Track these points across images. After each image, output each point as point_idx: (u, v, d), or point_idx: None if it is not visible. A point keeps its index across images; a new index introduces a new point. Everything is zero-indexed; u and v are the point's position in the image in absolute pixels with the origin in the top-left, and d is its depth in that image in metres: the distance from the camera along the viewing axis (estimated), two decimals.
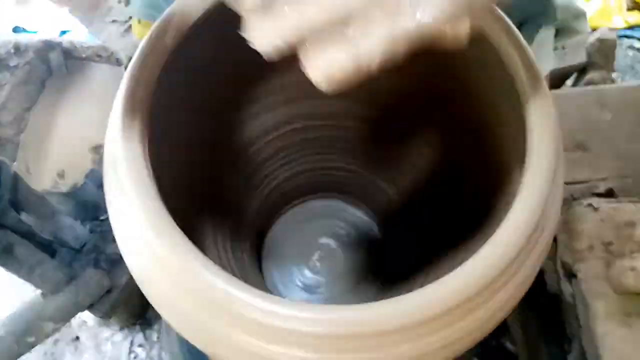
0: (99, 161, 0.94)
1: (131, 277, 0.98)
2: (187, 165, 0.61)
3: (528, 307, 1.00)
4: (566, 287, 0.86)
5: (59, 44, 1.00)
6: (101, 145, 0.96)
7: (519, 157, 0.42)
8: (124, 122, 0.41)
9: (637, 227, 0.84)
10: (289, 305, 0.33)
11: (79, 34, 1.00)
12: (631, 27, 1.66)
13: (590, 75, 0.98)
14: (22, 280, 0.82)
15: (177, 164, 0.54)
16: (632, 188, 0.92)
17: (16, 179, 0.72)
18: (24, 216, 0.78)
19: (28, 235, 0.79)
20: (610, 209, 0.85)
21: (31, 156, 1.00)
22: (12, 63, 0.95)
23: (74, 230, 0.90)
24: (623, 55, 1.63)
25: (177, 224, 0.38)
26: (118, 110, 0.42)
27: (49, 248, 0.87)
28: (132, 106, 0.42)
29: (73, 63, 1.04)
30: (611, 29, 0.97)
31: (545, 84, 0.43)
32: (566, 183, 0.92)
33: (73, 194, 0.92)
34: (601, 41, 0.96)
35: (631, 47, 1.63)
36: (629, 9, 1.67)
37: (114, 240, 0.99)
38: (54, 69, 1.02)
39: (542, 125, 0.41)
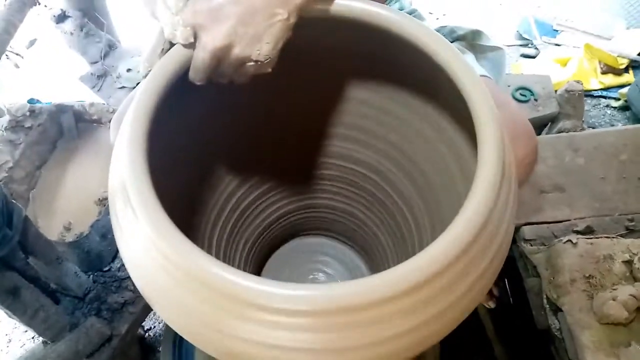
0: (104, 212, 1.00)
1: (131, 326, 1.01)
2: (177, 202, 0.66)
3: (518, 344, 1.01)
4: (553, 322, 0.89)
5: (71, 107, 1.08)
6: (106, 197, 1.02)
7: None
8: (131, 145, 0.46)
9: (615, 260, 0.88)
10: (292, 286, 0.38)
11: (89, 99, 1.09)
12: (607, 88, 1.76)
13: (562, 124, 1.06)
14: (25, 325, 0.85)
15: (170, 197, 0.59)
16: (609, 226, 0.96)
17: (27, 223, 0.77)
18: (31, 260, 0.82)
19: (34, 279, 0.83)
20: (588, 244, 0.89)
21: (40, 210, 1.05)
22: (27, 124, 1.03)
23: (77, 278, 0.94)
24: (602, 113, 1.72)
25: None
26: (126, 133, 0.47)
27: (52, 295, 0.90)
28: (138, 131, 0.47)
29: (83, 125, 1.12)
30: (577, 81, 1.05)
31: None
32: (547, 222, 0.99)
33: (77, 244, 0.96)
34: (569, 92, 1.05)
35: (608, 106, 1.72)
36: (603, 72, 1.78)
37: (116, 290, 1.03)
38: (65, 130, 1.10)
39: (488, 132, 0.45)
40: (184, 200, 0.69)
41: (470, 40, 0.82)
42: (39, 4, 1.01)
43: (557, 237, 0.95)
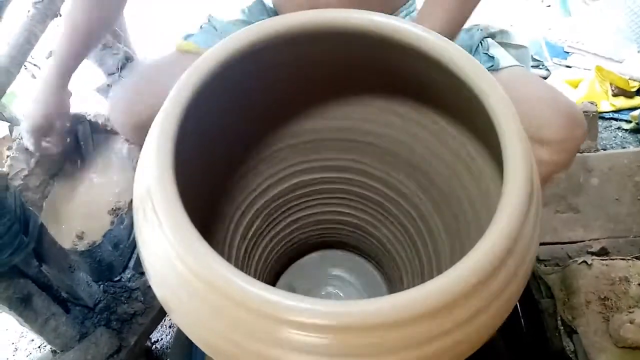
0: (117, 222, 1.00)
1: (140, 338, 1.00)
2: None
3: None
4: (568, 344, 0.88)
5: (87, 118, 1.09)
6: (119, 207, 1.02)
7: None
8: (158, 150, 0.46)
9: (631, 283, 0.87)
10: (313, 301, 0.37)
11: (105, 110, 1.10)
12: (618, 111, 1.76)
13: None
14: (35, 334, 0.85)
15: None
16: (623, 247, 0.96)
17: (42, 230, 0.77)
18: (44, 268, 0.82)
19: (46, 287, 0.83)
20: (603, 265, 0.89)
21: (53, 219, 1.06)
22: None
23: (89, 287, 0.93)
24: (613, 136, 1.72)
25: None
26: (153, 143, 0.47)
27: (63, 304, 0.90)
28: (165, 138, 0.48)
29: (98, 136, 1.12)
30: (591, 102, 1.05)
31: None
32: (562, 243, 0.98)
33: (89, 253, 0.96)
34: (583, 113, 1.04)
35: (620, 129, 1.72)
36: (614, 95, 1.78)
37: (126, 301, 1.02)
38: (80, 140, 1.11)
39: (515, 152, 0.45)
40: (206, 207, 0.69)
41: (499, 39, 0.86)
42: (60, 15, 1.03)
43: (571, 258, 0.94)
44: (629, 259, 0.90)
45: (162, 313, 1.04)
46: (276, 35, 0.52)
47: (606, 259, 0.90)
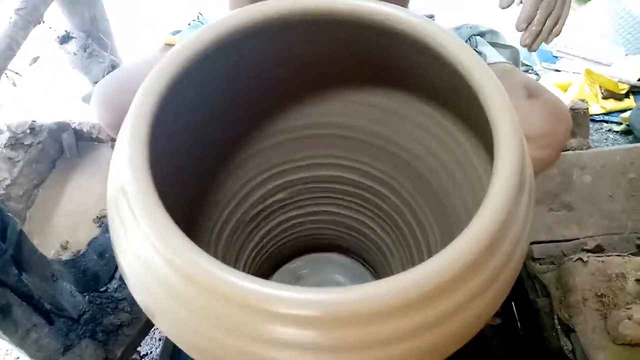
0: (102, 230, 0.97)
1: (126, 349, 0.97)
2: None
3: None
4: (566, 343, 0.86)
5: (72, 126, 1.07)
6: (104, 215, 1.00)
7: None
8: (131, 149, 0.44)
9: (628, 279, 0.85)
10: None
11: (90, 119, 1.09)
12: (608, 113, 1.76)
13: (568, 142, 1.04)
14: (15, 347, 0.82)
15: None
16: (619, 244, 0.94)
17: (21, 237, 0.75)
18: (25, 277, 0.79)
19: (27, 297, 0.80)
20: (599, 262, 0.87)
21: (37, 229, 1.03)
22: (27, 142, 1.02)
23: (73, 298, 0.91)
24: (604, 138, 1.72)
25: None
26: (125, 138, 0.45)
27: (46, 316, 0.87)
28: (138, 132, 0.46)
29: (83, 144, 1.11)
30: (582, 100, 1.04)
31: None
32: (556, 241, 0.96)
33: (73, 262, 0.94)
34: (574, 111, 1.04)
35: (610, 131, 1.72)
36: (604, 97, 1.78)
37: (112, 312, 0.99)
38: (65, 148, 1.09)
39: (505, 131, 0.44)
40: (186, 213, 0.67)
41: (488, 39, 0.85)
42: (43, 22, 1.01)
43: (566, 256, 0.92)
44: (624, 256, 0.89)
45: (149, 324, 1.01)
46: (253, 24, 0.51)
47: (602, 256, 0.89)
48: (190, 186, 0.65)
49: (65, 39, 1.20)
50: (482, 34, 0.90)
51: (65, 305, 0.90)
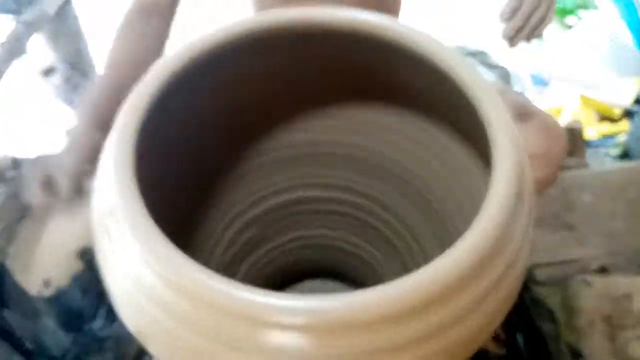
0: (85, 265, 0.93)
1: None
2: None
3: None
4: None
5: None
6: (89, 248, 0.96)
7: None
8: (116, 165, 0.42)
9: (634, 299, 0.82)
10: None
11: None
12: (604, 137, 1.75)
13: (565, 162, 1.02)
14: None
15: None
16: (623, 264, 0.91)
17: (2, 270, 0.72)
18: (5, 314, 0.75)
19: (8, 335, 0.76)
20: (603, 283, 0.84)
21: (18, 266, 0.99)
22: (8, 176, 0.99)
23: (56, 336, 0.86)
24: (600, 162, 1.70)
25: None
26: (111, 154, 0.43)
27: (27, 356, 0.82)
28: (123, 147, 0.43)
29: None
30: (576, 120, 1.03)
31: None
32: (560, 262, 0.93)
33: (57, 299, 0.89)
34: (570, 130, 1.02)
35: (607, 155, 1.71)
36: (599, 120, 1.78)
37: (96, 352, 0.95)
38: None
39: (503, 143, 0.42)
40: (176, 238, 0.64)
41: (478, 59, 0.85)
42: (26, 53, 1.00)
43: (570, 278, 0.89)
44: (629, 276, 0.86)
45: None
46: (247, 35, 0.49)
47: (606, 277, 0.86)
48: (181, 208, 0.63)
49: (48, 71, 1.20)
50: (472, 55, 0.90)
51: (48, 344, 0.85)
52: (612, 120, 1.77)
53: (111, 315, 1.00)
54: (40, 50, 1.17)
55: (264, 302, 0.33)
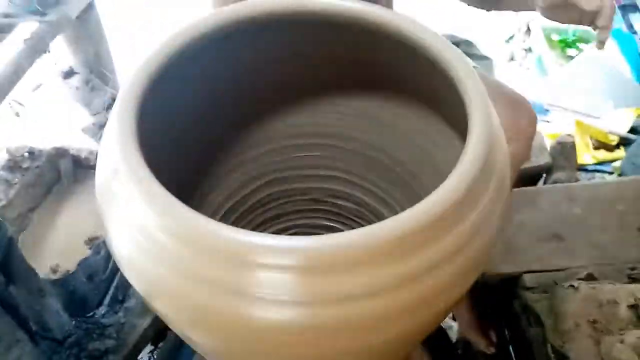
0: (93, 251, 0.97)
1: None
2: None
3: None
4: None
5: (70, 152, 1.09)
6: (96, 237, 1.00)
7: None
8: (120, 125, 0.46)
9: (620, 305, 0.84)
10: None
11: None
12: (600, 163, 1.79)
13: (557, 175, 1.06)
14: None
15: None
16: (610, 274, 0.94)
17: (11, 244, 0.75)
18: (12, 289, 0.78)
19: (13, 310, 0.79)
20: (590, 289, 0.86)
21: (28, 253, 1.02)
22: (25, 165, 1.04)
23: (59, 317, 0.89)
24: None
25: None
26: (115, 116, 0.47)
27: (31, 335, 0.85)
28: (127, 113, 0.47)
29: (81, 171, 1.12)
30: (568, 134, 1.07)
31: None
32: (548, 270, 0.96)
33: (62, 282, 0.92)
34: (562, 144, 1.06)
35: (603, 180, 1.74)
36: (595, 148, 1.82)
37: (97, 338, 0.98)
38: (63, 175, 1.10)
39: (477, 102, 0.45)
40: None
41: (463, 49, 0.88)
42: (49, 51, 1.06)
43: (558, 285, 0.92)
44: (616, 284, 0.88)
45: (135, 351, 0.99)
46: (239, 21, 0.53)
47: (594, 283, 0.88)
48: (182, 179, 0.65)
49: (68, 74, 1.25)
50: (457, 44, 0.93)
51: (51, 324, 0.88)
52: (608, 148, 1.81)
53: (115, 305, 1.03)
54: (61, 52, 1.23)
55: (254, 241, 0.36)
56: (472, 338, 0.99)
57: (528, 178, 1.06)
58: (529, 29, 2.25)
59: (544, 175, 1.09)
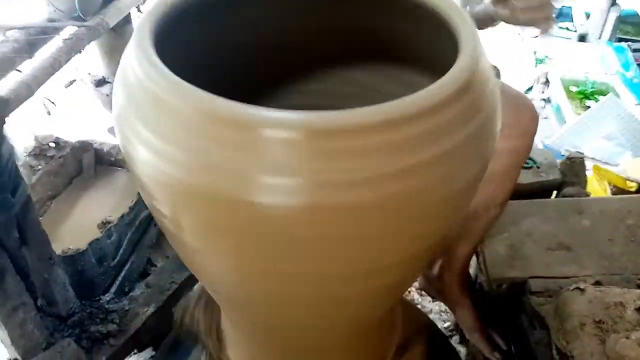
0: (105, 234, 0.99)
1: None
2: None
3: None
4: None
5: (93, 147, 1.15)
6: (109, 221, 1.03)
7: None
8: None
9: (627, 308, 0.83)
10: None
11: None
12: None
13: (566, 190, 1.06)
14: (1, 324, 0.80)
15: None
16: (618, 284, 0.92)
17: (29, 204, 0.78)
18: (24, 251, 0.80)
19: (23, 273, 0.81)
20: (597, 291, 0.85)
21: None
22: (50, 154, 1.09)
23: (65, 292, 0.90)
24: None
25: None
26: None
27: (35, 302, 0.86)
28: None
29: (102, 167, 1.17)
30: (578, 151, 1.08)
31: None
32: (555, 277, 0.95)
33: (72, 259, 0.94)
34: (571, 160, 1.07)
35: None
36: (613, 193, 1.81)
37: (100, 322, 0.99)
38: (84, 168, 1.15)
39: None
40: None
41: None
42: (81, 51, 1.14)
43: (564, 288, 0.90)
44: (624, 289, 0.87)
45: (135, 338, 0.99)
46: None
47: (600, 287, 0.87)
48: None
49: (100, 82, 1.33)
50: None
51: (56, 296, 0.90)
52: (626, 194, 1.80)
53: (121, 295, 1.05)
54: (95, 62, 1.31)
55: (258, 112, 0.39)
56: (477, 344, 0.97)
57: (539, 193, 1.07)
58: (547, 80, 2.30)
59: (555, 192, 1.10)
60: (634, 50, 2.52)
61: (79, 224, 1.10)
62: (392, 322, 0.77)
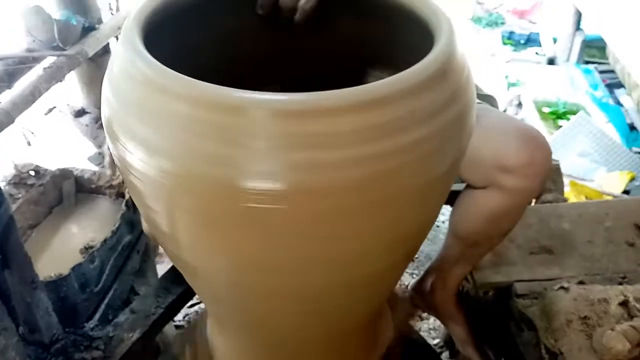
0: (87, 259, 0.97)
1: None
2: None
3: None
4: None
5: (74, 174, 1.14)
6: (91, 246, 1.02)
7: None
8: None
9: (611, 303, 0.84)
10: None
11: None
12: None
13: (545, 196, 1.08)
14: None
15: None
16: (601, 283, 0.93)
17: (11, 223, 0.76)
18: (7, 274, 0.78)
19: (3, 295, 0.79)
20: (581, 289, 0.86)
21: None
22: (29, 182, 1.08)
23: (48, 317, 0.88)
24: None
25: None
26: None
27: (17, 328, 0.84)
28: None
29: (82, 195, 1.16)
30: (554, 159, 1.11)
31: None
32: (539, 280, 0.96)
33: (54, 285, 0.92)
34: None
35: None
36: None
37: (84, 349, 0.96)
38: (64, 197, 1.14)
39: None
40: None
41: None
42: (63, 81, 1.15)
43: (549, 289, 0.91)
44: (607, 286, 0.88)
45: None
46: None
47: (584, 285, 0.88)
48: None
49: (80, 113, 1.34)
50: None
51: (39, 322, 0.87)
52: None
53: (105, 319, 1.03)
54: (74, 93, 1.33)
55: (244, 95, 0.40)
56: (468, 354, 0.96)
57: None
58: (520, 103, 2.37)
59: (534, 199, 1.12)
60: (601, 72, 2.63)
61: (60, 253, 1.08)
62: (374, 332, 0.78)
